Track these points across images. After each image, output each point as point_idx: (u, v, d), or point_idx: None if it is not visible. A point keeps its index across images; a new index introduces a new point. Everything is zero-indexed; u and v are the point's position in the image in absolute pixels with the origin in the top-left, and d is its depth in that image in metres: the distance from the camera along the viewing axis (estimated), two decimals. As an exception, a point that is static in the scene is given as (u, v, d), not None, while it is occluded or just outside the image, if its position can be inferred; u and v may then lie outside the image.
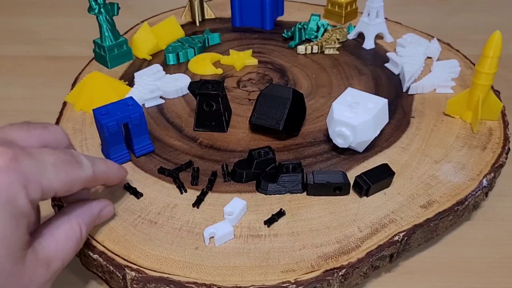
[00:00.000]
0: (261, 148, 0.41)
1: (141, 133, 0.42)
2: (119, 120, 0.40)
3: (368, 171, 0.39)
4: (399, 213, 0.37)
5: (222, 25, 0.66)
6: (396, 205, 0.38)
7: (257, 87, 0.53)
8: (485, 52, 0.42)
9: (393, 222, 0.36)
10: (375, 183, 0.38)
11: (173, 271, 0.33)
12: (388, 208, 0.38)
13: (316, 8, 0.68)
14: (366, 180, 0.38)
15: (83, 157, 0.31)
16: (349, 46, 0.60)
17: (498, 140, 0.45)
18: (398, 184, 0.40)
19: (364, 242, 0.35)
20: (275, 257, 0.34)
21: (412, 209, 0.38)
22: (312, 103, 0.50)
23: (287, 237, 0.35)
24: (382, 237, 0.35)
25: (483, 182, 0.40)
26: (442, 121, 0.47)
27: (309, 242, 0.35)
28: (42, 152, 0.28)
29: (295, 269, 0.33)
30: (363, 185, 0.38)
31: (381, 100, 0.42)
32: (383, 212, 0.37)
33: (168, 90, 0.51)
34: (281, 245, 0.35)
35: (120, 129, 0.40)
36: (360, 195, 0.39)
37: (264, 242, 0.35)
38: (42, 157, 0.27)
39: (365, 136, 0.41)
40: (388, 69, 0.55)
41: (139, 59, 0.58)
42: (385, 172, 0.39)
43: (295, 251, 0.34)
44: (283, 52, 0.59)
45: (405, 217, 0.37)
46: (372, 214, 0.37)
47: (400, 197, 0.39)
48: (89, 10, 0.54)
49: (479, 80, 0.44)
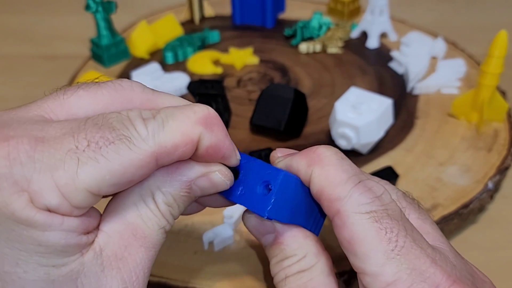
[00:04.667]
0: (262, 149, 0.40)
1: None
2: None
3: (372, 173, 0.38)
4: (404, 217, 0.36)
5: (221, 22, 0.65)
6: (400, 208, 0.37)
7: (258, 87, 0.52)
8: (491, 52, 0.42)
9: (398, 227, 0.36)
10: (379, 186, 0.37)
11: (171, 276, 0.32)
12: (392, 211, 0.37)
13: (318, 6, 0.68)
14: (370, 183, 0.37)
15: (139, 124, 0.20)
16: (352, 44, 0.59)
17: (504, 142, 0.44)
18: (402, 187, 0.39)
19: (368, 247, 0.34)
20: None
21: (417, 213, 0.37)
22: (315, 103, 0.49)
23: (288, 242, 0.34)
24: (386, 242, 0.34)
25: (488, 185, 0.39)
26: (447, 122, 0.46)
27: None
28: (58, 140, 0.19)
29: (297, 275, 0.32)
30: (366, 188, 0.37)
31: (385, 100, 0.41)
32: (387, 216, 0.36)
33: (167, 90, 0.50)
34: (283, 250, 0.34)
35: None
36: (363, 198, 0.38)
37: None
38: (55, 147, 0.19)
39: (369, 138, 0.40)
40: (392, 69, 0.54)
41: (137, 58, 0.57)
42: (389, 174, 0.38)
43: (297, 257, 0.33)
44: (285, 51, 0.59)
45: (410, 221, 0.36)
46: (376, 218, 0.36)
47: (404, 201, 0.38)
48: (86, 8, 0.53)
49: (485, 81, 0.43)
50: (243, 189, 0.24)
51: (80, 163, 0.19)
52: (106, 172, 0.19)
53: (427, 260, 0.21)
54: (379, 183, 0.24)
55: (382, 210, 0.22)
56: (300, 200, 0.24)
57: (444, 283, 0.21)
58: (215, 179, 0.23)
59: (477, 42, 0.57)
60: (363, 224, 0.21)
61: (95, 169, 0.19)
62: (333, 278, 0.24)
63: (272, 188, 0.23)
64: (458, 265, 0.23)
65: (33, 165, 0.18)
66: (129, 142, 0.19)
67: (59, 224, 0.19)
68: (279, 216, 0.24)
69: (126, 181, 0.20)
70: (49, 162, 0.19)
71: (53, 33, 0.72)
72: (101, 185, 0.19)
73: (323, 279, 0.24)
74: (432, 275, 0.21)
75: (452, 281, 0.21)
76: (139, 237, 0.21)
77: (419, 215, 0.25)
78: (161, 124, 0.20)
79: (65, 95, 0.22)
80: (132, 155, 0.19)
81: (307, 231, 0.25)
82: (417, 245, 0.21)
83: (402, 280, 0.21)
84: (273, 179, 0.23)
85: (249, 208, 0.24)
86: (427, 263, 0.21)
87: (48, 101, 0.22)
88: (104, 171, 0.19)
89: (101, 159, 0.19)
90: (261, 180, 0.23)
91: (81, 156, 0.19)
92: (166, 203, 0.22)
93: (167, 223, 0.22)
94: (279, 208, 0.23)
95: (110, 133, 0.19)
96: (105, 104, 0.22)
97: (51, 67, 0.64)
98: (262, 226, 0.25)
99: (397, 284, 0.21)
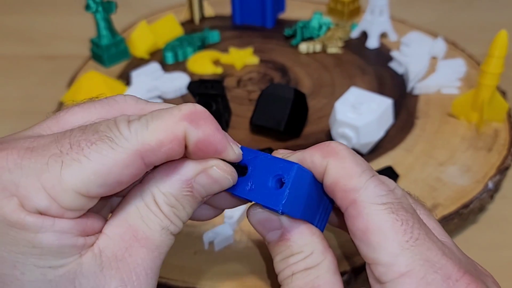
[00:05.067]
0: (262, 149, 0.40)
1: None
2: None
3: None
4: (404, 217, 0.36)
5: (221, 22, 0.65)
6: (400, 208, 0.37)
7: (258, 87, 0.52)
8: (491, 52, 0.42)
9: (398, 226, 0.36)
10: (379, 186, 0.37)
11: (171, 276, 0.32)
12: (393, 211, 0.37)
13: (318, 6, 0.68)
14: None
15: (123, 126, 0.20)
16: (352, 44, 0.59)
17: (504, 142, 0.44)
18: (402, 187, 0.39)
19: (368, 247, 0.34)
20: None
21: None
22: (314, 103, 0.49)
23: (288, 242, 0.34)
24: (386, 241, 0.34)
25: (488, 185, 0.39)
26: (447, 122, 0.46)
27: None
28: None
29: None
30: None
31: (385, 100, 0.41)
32: (387, 215, 0.36)
33: (167, 90, 0.50)
34: (283, 250, 0.34)
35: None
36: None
37: (265, 246, 0.34)
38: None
39: (369, 138, 0.40)
40: (392, 69, 0.54)
41: (137, 58, 0.57)
42: (389, 174, 0.38)
43: (297, 257, 0.33)
44: (285, 51, 0.58)
45: (410, 221, 0.36)
46: (376, 218, 0.36)
47: (404, 200, 0.38)
48: (86, 8, 0.53)
49: (485, 80, 0.43)
50: (253, 184, 0.23)
51: (63, 165, 0.19)
52: (91, 172, 0.19)
53: (438, 252, 0.21)
54: (389, 179, 0.25)
55: (398, 203, 0.22)
56: (311, 194, 0.24)
57: (456, 274, 0.21)
58: (214, 174, 0.22)
59: (476, 42, 0.57)
60: (380, 214, 0.22)
61: (78, 170, 0.19)
62: (339, 277, 0.24)
63: (285, 181, 0.22)
64: (463, 259, 0.23)
65: (20, 171, 0.19)
66: (111, 142, 0.20)
67: (50, 225, 0.19)
68: (293, 210, 0.23)
69: (114, 181, 0.20)
70: (35, 167, 0.19)
71: (53, 33, 0.72)
72: (88, 186, 0.19)
73: (330, 277, 0.23)
74: (444, 266, 0.21)
75: (462, 272, 0.21)
76: (140, 238, 0.21)
77: (425, 211, 0.26)
78: (144, 124, 0.20)
79: (61, 112, 0.23)
80: (115, 155, 0.20)
81: (313, 227, 0.24)
82: (429, 238, 0.22)
83: (416, 270, 0.21)
84: (287, 172, 0.22)
85: (261, 202, 0.23)
86: (439, 255, 0.21)
87: (47, 120, 0.23)
88: (88, 171, 0.19)
89: (84, 159, 0.19)
90: (272, 173, 0.23)
91: (65, 158, 0.19)
92: (168, 204, 0.22)
93: (171, 223, 0.22)
94: (293, 202, 0.23)
95: (93, 135, 0.20)
96: (98, 117, 0.22)
97: (51, 67, 0.64)
98: (268, 222, 0.24)
99: (411, 274, 0.21)
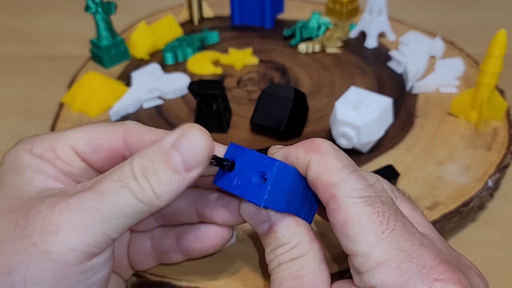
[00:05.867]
0: (262, 149, 0.40)
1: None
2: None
3: (373, 172, 0.38)
4: (405, 215, 0.37)
5: (220, 23, 0.65)
6: (401, 207, 0.37)
7: (258, 87, 0.52)
8: (490, 51, 0.42)
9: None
10: (379, 185, 0.37)
11: (174, 276, 0.32)
12: (393, 210, 0.37)
13: (317, 6, 0.68)
14: (371, 182, 0.37)
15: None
16: (351, 44, 0.59)
17: (503, 140, 0.44)
18: (402, 186, 0.39)
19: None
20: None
21: (418, 211, 0.37)
22: (314, 103, 0.50)
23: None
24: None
25: (488, 183, 0.40)
26: (447, 121, 0.46)
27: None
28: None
29: (299, 273, 0.32)
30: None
31: (385, 99, 0.41)
32: (388, 214, 0.37)
33: (167, 90, 0.50)
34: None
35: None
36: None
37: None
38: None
39: (369, 137, 0.40)
40: (391, 68, 0.55)
41: (137, 58, 0.57)
42: (389, 173, 0.39)
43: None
44: (284, 51, 0.59)
45: (411, 219, 0.36)
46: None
47: (405, 199, 0.38)
48: (86, 9, 0.53)
49: (484, 80, 0.43)
50: (239, 179, 0.24)
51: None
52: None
53: (415, 242, 0.22)
54: (371, 173, 0.26)
55: (375, 196, 0.23)
56: (295, 189, 0.25)
57: (431, 263, 0.22)
58: (188, 134, 0.22)
59: (474, 41, 0.58)
60: (357, 207, 0.23)
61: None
62: (325, 266, 0.25)
63: (267, 177, 0.24)
64: (444, 251, 0.24)
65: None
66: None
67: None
68: (275, 204, 0.24)
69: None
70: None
71: (53, 34, 0.72)
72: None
73: (315, 267, 0.24)
74: (420, 256, 0.22)
75: (438, 261, 0.22)
76: (97, 190, 0.22)
77: (410, 205, 0.27)
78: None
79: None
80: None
81: (300, 219, 0.26)
82: (406, 229, 0.22)
83: (391, 260, 0.21)
84: (269, 169, 0.24)
85: (246, 197, 0.24)
86: (415, 246, 0.22)
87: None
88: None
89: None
90: (257, 170, 0.24)
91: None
92: (140, 164, 0.22)
93: (137, 184, 0.22)
94: (275, 197, 0.24)
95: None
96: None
97: (51, 68, 0.64)
98: (257, 216, 0.26)
99: (387, 264, 0.21)
